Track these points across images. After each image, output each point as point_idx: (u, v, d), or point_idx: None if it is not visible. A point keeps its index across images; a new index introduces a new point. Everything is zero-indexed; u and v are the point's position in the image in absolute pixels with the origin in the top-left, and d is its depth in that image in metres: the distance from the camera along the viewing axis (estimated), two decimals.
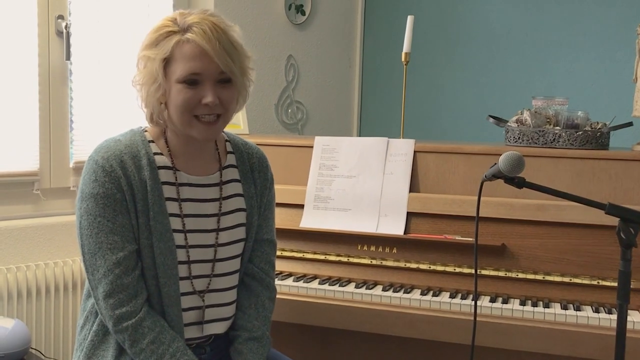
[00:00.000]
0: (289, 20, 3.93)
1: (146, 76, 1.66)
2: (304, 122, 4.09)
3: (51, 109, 2.91)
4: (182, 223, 1.72)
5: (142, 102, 1.70)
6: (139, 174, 1.66)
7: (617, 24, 3.50)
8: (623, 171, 2.23)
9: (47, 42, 2.87)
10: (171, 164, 1.73)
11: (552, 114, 2.45)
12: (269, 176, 1.92)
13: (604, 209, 1.58)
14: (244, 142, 1.92)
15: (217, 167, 1.81)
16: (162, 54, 1.63)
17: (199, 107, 1.65)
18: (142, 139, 1.72)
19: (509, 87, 3.82)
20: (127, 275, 1.63)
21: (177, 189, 1.73)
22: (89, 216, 1.63)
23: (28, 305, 2.77)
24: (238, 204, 1.83)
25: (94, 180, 1.64)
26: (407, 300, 2.15)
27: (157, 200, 1.67)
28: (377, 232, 2.35)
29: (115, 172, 1.64)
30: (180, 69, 1.62)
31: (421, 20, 3.57)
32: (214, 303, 1.78)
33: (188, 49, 1.62)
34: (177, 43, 1.62)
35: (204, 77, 1.63)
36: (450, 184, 2.39)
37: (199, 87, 1.64)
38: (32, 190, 2.88)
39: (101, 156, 1.66)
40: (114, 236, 1.63)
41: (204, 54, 1.62)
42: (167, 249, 1.68)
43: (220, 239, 1.78)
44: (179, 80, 1.63)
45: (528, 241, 2.21)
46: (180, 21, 1.64)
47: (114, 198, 1.63)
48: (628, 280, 1.53)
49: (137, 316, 1.63)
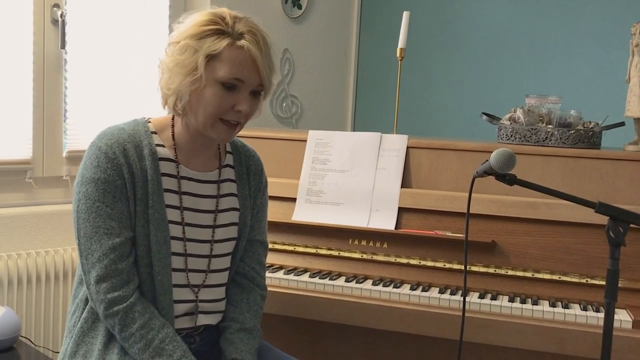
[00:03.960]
0: (285, 14, 3.93)
1: (183, 64, 1.64)
2: (298, 116, 4.09)
3: (45, 98, 2.91)
4: (181, 215, 1.74)
5: (167, 87, 1.68)
6: (141, 163, 1.67)
7: (612, 24, 3.51)
8: (614, 171, 2.24)
9: (42, 30, 2.86)
10: (174, 156, 1.74)
11: (545, 112, 2.46)
12: (263, 180, 1.95)
13: (594, 208, 1.59)
14: (243, 144, 1.94)
15: (217, 164, 1.83)
16: (211, 49, 1.62)
17: (230, 112, 1.66)
18: (145, 130, 1.73)
19: (502, 85, 3.83)
20: (121, 261, 1.64)
21: (178, 182, 1.74)
22: (87, 200, 1.64)
23: (18, 294, 2.77)
24: (232, 204, 1.85)
25: (96, 166, 1.64)
26: (397, 295, 2.16)
27: (156, 190, 1.68)
28: (369, 227, 2.36)
29: (118, 159, 1.64)
30: (224, 71, 1.63)
31: (417, 17, 3.57)
32: (206, 298, 1.80)
33: (240, 54, 1.63)
34: (229, 45, 1.63)
35: (244, 84, 1.65)
36: (442, 180, 2.40)
37: (236, 93, 1.65)
38: (24, 179, 2.88)
39: (104, 143, 1.66)
40: (112, 222, 1.63)
41: (252, 63, 1.64)
42: (162, 239, 1.69)
43: (216, 235, 1.80)
44: (219, 81, 1.63)
45: (518, 238, 2.22)
46: (230, 23, 1.65)
47: (114, 184, 1.64)
48: (616, 278, 1.55)
49: (129, 301, 1.64)
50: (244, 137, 1.99)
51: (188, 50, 1.64)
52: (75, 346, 1.71)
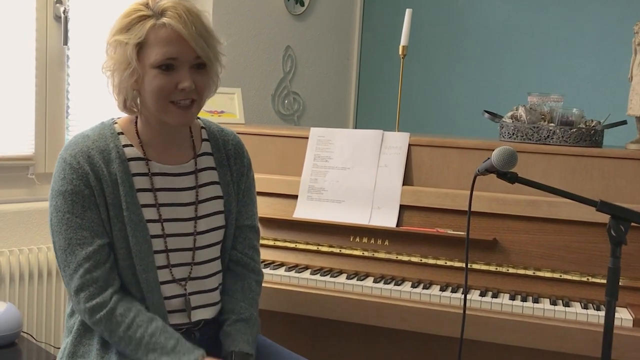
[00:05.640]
0: (288, 11, 3.93)
1: (118, 62, 1.63)
2: (300, 113, 4.09)
3: (48, 94, 2.92)
4: (158, 213, 1.72)
5: (114, 89, 1.69)
6: (108, 168, 1.65)
7: (615, 23, 3.51)
8: (616, 169, 2.24)
9: (45, 26, 2.87)
10: (142, 154, 1.72)
11: (547, 110, 2.46)
12: (245, 162, 1.90)
13: (595, 206, 1.59)
14: (220, 129, 1.90)
15: (192, 155, 1.80)
16: (136, 38, 1.60)
17: (175, 92, 1.63)
18: (112, 132, 1.71)
19: (504, 83, 3.83)
20: (96, 268, 1.63)
21: (151, 179, 1.72)
22: (57, 213, 1.64)
23: (20, 289, 2.78)
24: (215, 192, 1.81)
25: (63, 178, 1.63)
26: (398, 293, 2.17)
27: (128, 192, 1.66)
28: (370, 224, 2.36)
29: (83, 168, 1.63)
30: (155, 54, 1.61)
31: (419, 14, 3.57)
32: (196, 290, 1.78)
33: (164, 33, 1.60)
34: (152, 27, 1.60)
35: (180, 62, 1.62)
36: (443, 178, 2.40)
37: (175, 72, 1.62)
38: (27, 175, 2.89)
39: (69, 153, 1.65)
40: (83, 231, 1.62)
41: (180, 39, 1.60)
42: (142, 238, 1.67)
43: (198, 227, 1.77)
44: (154, 65, 1.61)
45: (519, 236, 2.22)
46: (152, 5, 1.62)
47: (82, 194, 1.62)
48: (617, 277, 1.55)
49: (108, 306, 1.62)
50: (245, 134, 1.99)
51: (119, 46, 1.63)
52: (73, 347, 1.71)
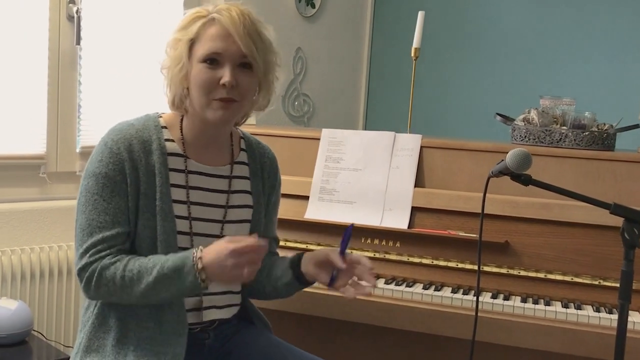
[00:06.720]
0: (299, 13, 3.93)
1: (172, 58, 1.70)
2: (310, 114, 4.10)
3: (60, 94, 2.93)
4: (188, 210, 1.73)
5: (167, 86, 1.73)
6: (147, 159, 1.68)
7: (627, 27, 3.50)
8: (628, 173, 2.23)
9: (58, 26, 2.88)
10: (182, 151, 1.74)
11: (560, 113, 2.46)
12: (278, 178, 1.95)
13: (609, 209, 1.58)
14: (257, 142, 1.94)
15: (229, 159, 1.83)
16: (189, 35, 1.66)
17: (217, 89, 1.66)
18: (156, 124, 1.74)
19: (517, 86, 3.82)
20: (106, 252, 1.63)
21: (186, 177, 1.74)
22: (87, 193, 1.66)
23: (31, 288, 2.79)
24: (245, 201, 1.84)
25: (100, 160, 1.66)
26: (409, 294, 2.16)
27: (164, 184, 1.69)
28: (381, 226, 2.36)
29: (121, 155, 1.66)
30: (202, 48, 1.66)
31: (431, 17, 3.57)
32: (215, 291, 1.78)
33: (213, 29, 1.66)
34: (203, 24, 1.67)
35: (225, 57, 1.66)
36: (455, 180, 2.39)
37: (219, 67, 1.66)
38: (38, 174, 2.90)
39: (111, 138, 1.68)
40: (106, 216, 1.64)
41: (227, 35, 1.65)
42: (170, 230, 1.69)
43: (225, 231, 1.79)
44: (200, 60, 1.66)
45: (531, 239, 2.21)
46: (212, 9, 1.69)
47: (114, 180, 1.65)
48: (630, 280, 1.54)
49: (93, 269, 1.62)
50: (256, 135, 1.99)
51: (174, 44, 1.70)
52: (88, 341, 1.71)
